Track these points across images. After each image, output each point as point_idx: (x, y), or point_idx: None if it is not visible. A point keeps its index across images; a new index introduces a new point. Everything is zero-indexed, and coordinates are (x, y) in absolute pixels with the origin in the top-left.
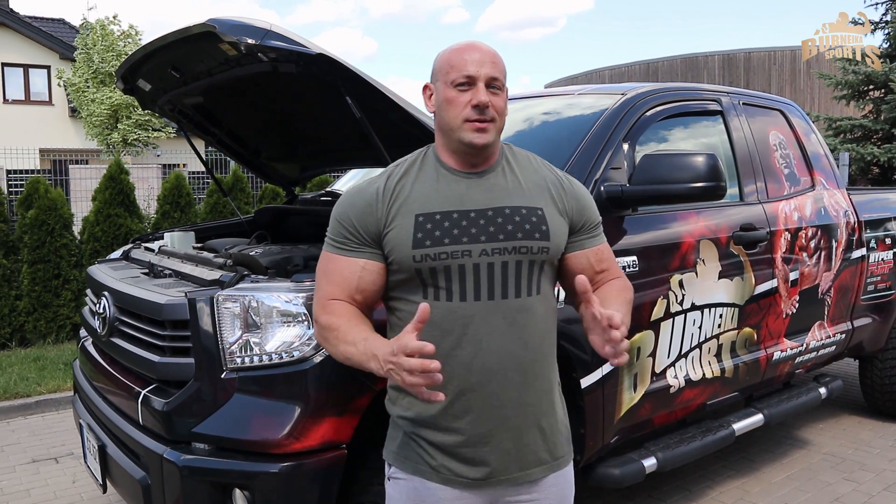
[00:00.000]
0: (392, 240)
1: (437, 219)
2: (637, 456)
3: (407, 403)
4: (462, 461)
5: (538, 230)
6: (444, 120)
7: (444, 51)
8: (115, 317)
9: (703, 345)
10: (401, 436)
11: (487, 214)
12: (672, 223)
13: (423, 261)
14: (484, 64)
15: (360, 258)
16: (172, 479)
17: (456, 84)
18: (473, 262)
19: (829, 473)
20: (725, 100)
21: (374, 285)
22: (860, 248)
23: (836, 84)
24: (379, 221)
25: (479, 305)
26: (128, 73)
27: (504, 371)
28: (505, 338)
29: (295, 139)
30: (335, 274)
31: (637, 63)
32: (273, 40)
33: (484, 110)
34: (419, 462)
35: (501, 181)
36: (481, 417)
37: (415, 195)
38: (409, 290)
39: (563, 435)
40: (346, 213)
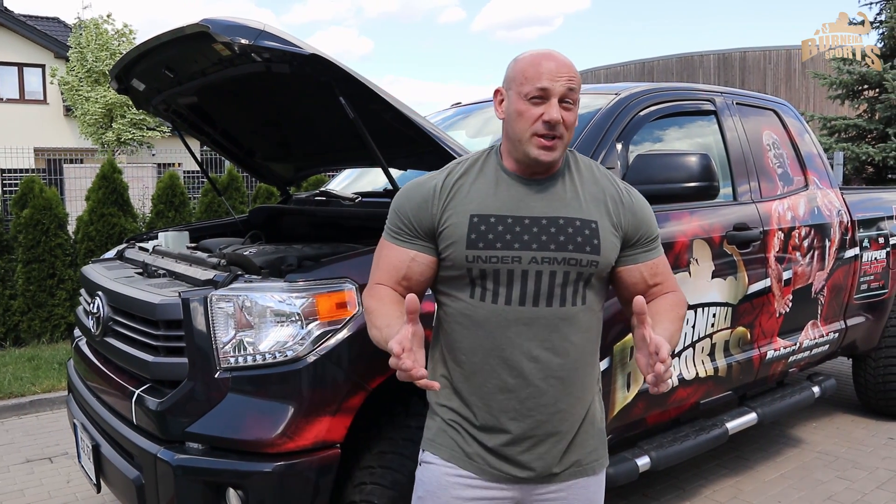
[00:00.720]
0: (447, 237)
1: (492, 222)
2: (630, 455)
3: (448, 394)
4: (497, 456)
5: (589, 243)
6: (513, 131)
7: (521, 58)
8: (109, 316)
9: (697, 344)
10: (437, 423)
11: (541, 223)
12: (665, 223)
13: (475, 262)
14: (560, 77)
15: (411, 249)
16: (166, 479)
17: (530, 97)
18: (522, 268)
19: (822, 472)
20: (719, 100)
21: (422, 276)
22: (853, 248)
23: (830, 84)
24: (433, 217)
25: (523, 311)
26: (122, 73)
27: (542, 377)
28: (545, 344)
29: (289, 139)
30: (385, 261)
31: (632, 62)
32: (266, 40)
33: (555, 126)
34: (454, 448)
35: (560, 190)
36: (518, 418)
37: (472, 195)
38: (459, 287)
39: (598, 440)
40: (403, 206)
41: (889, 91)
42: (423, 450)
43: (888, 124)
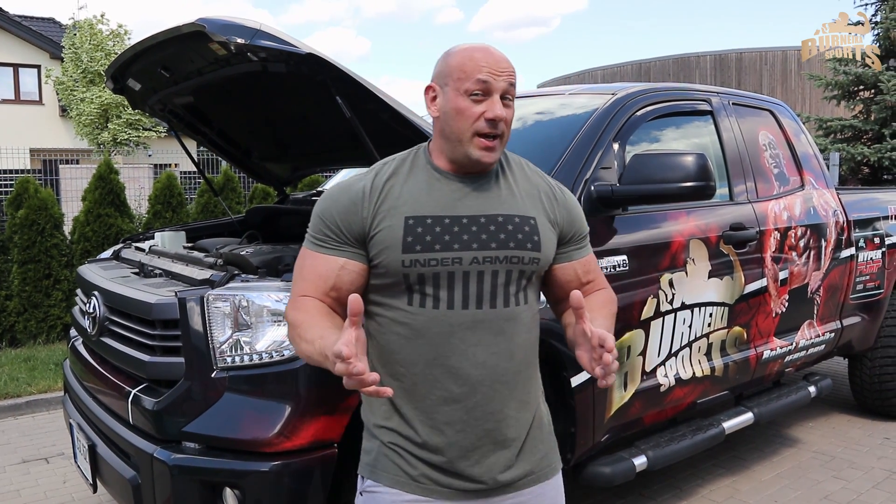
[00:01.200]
0: (380, 242)
1: (429, 223)
2: (627, 454)
3: (386, 412)
4: (444, 472)
5: (530, 240)
6: (451, 129)
7: (455, 52)
8: (106, 316)
9: (693, 344)
10: (377, 447)
11: (480, 221)
12: (662, 223)
13: (413, 266)
14: (501, 73)
15: (339, 257)
16: (163, 479)
17: (470, 93)
18: (463, 269)
19: (818, 472)
20: (715, 100)
21: (353, 285)
22: (849, 248)
23: (826, 84)
24: (364, 221)
25: (467, 314)
26: (117, 73)
27: (490, 382)
28: (491, 348)
29: (286, 139)
30: (311, 271)
31: (629, 63)
32: (262, 40)
33: (497, 124)
34: (398, 473)
35: (495, 188)
36: (465, 429)
37: (405, 197)
38: (394, 294)
39: (548, 445)
40: (329, 211)
41: (884, 92)
42: (363, 477)
43: (884, 125)
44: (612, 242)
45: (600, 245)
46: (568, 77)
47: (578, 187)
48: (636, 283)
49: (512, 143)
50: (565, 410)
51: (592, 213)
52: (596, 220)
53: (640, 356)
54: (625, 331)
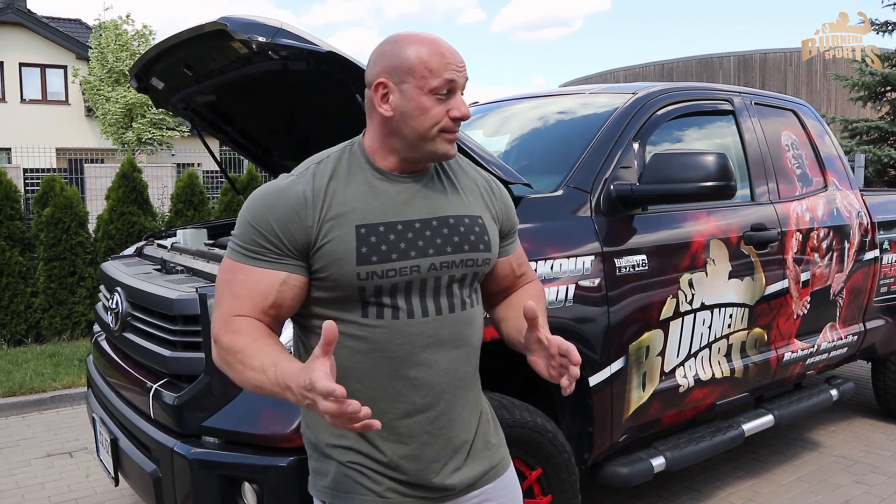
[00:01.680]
0: (328, 255)
1: (381, 231)
2: (646, 455)
3: (338, 431)
4: (410, 485)
5: (482, 241)
6: (412, 128)
7: (410, 45)
8: (128, 312)
9: (713, 344)
10: (334, 468)
11: (432, 225)
12: (682, 223)
13: (369, 279)
14: (462, 67)
15: (280, 270)
16: (183, 473)
17: (437, 92)
18: (421, 277)
19: (840, 476)
20: (737, 100)
21: (294, 301)
22: (873, 250)
23: (852, 85)
24: (309, 231)
25: (428, 322)
26: (141, 72)
27: (452, 389)
28: (452, 354)
29: (306, 137)
30: (244, 287)
31: (652, 64)
32: (284, 38)
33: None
34: (362, 492)
35: (438, 186)
36: (429, 440)
37: (350, 202)
38: (345, 307)
39: (499, 438)
40: (265, 218)
41: None
42: (323, 502)
43: None
44: (632, 242)
45: (620, 244)
46: (590, 78)
47: (598, 186)
48: (655, 283)
49: (532, 142)
50: (583, 410)
51: (612, 212)
52: (615, 220)
53: (658, 356)
54: (644, 331)
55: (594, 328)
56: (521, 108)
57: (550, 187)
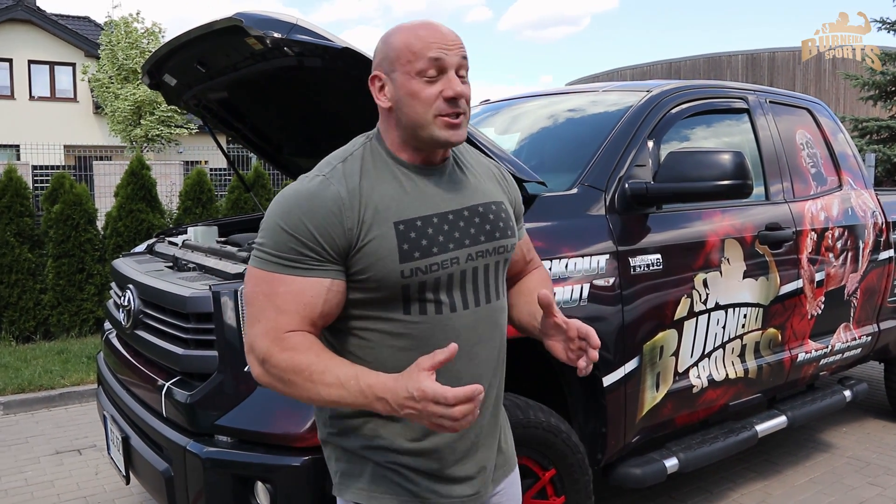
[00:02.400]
0: (370, 255)
1: (419, 226)
2: (659, 456)
3: (371, 431)
4: (447, 481)
5: (508, 227)
6: (409, 116)
7: (396, 33)
8: (140, 309)
9: (727, 345)
10: (369, 469)
11: (464, 215)
12: (697, 222)
13: (413, 275)
14: (451, 47)
15: (325, 277)
16: (195, 471)
17: (423, 74)
18: (461, 268)
19: (853, 477)
20: (752, 98)
21: (339, 307)
22: (888, 250)
23: (862, 84)
24: (349, 234)
25: (468, 314)
26: (154, 68)
27: (489, 377)
28: (490, 344)
29: (318, 135)
30: (290, 299)
31: (659, 62)
32: (299, 34)
33: (458, 102)
34: (400, 493)
35: (460, 176)
36: (464, 433)
37: (384, 199)
38: (387, 306)
39: (509, 431)
40: (302, 224)
41: None
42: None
43: None
44: (647, 241)
45: (634, 243)
46: (597, 76)
47: (613, 185)
48: (670, 282)
49: (546, 140)
50: (597, 410)
51: (626, 210)
52: (630, 218)
53: (672, 356)
54: (658, 330)
55: (608, 328)
56: (533, 107)
57: (564, 185)
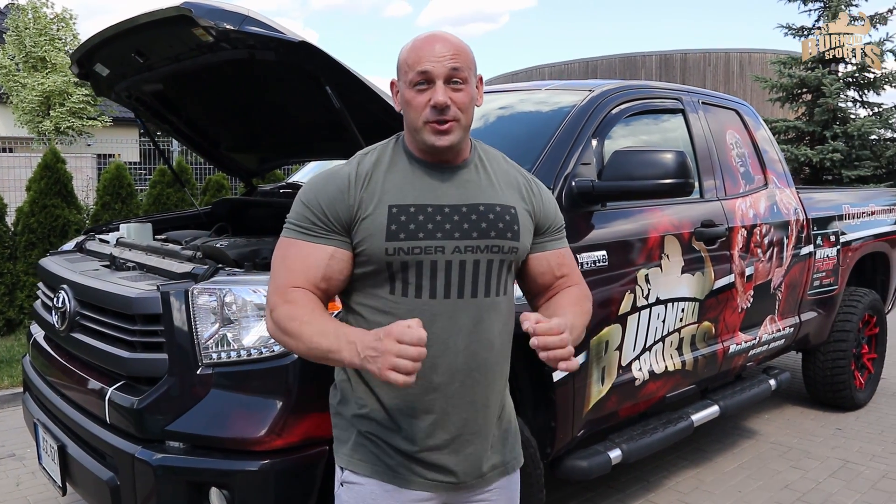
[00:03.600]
0: (364, 230)
1: (412, 211)
2: (603, 448)
3: (361, 401)
4: (422, 464)
5: (510, 230)
6: (408, 121)
7: (405, 46)
8: (77, 311)
9: (666, 338)
10: (354, 436)
11: (462, 210)
12: (639, 219)
13: (396, 254)
14: (442, 59)
15: (328, 245)
16: (145, 479)
17: (414, 84)
18: (446, 258)
19: (777, 462)
20: (686, 98)
21: (342, 275)
22: (808, 245)
23: (771, 87)
24: (351, 209)
25: (448, 303)
26: (84, 58)
27: (468, 371)
28: (471, 337)
29: (258, 129)
30: (298, 261)
31: (577, 61)
32: (252, 26)
33: (443, 110)
34: (376, 463)
35: (474, 177)
36: (443, 419)
37: (388, 185)
38: (375, 283)
39: (516, 437)
40: (315, 198)
41: (827, 95)
42: (342, 468)
43: (825, 127)
44: (593, 238)
45: (581, 240)
46: (516, 73)
47: (559, 183)
48: (615, 278)
49: (492, 137)
50: (546, 404)
51: (573, 208)
52: (576, 216)
53: (617, 350)
54: (603, 325)
55: None
56: None
57: None
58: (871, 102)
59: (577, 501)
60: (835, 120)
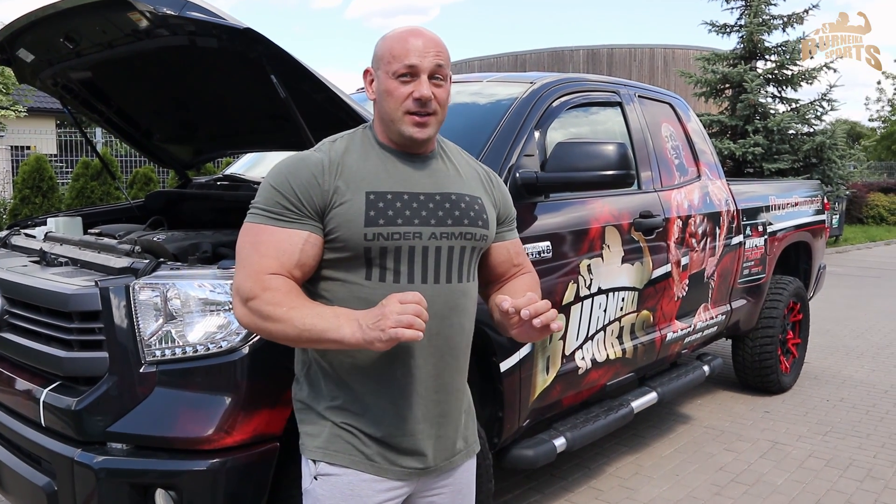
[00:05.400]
0: (339, 216)
1: (389, 198)
2: (547, 437)
3: (332, 393)
4: (397, 451)
5: (480, 218)
6: (384, 110)
7: (386, 36)
8: (5, 310)
9: (607, 327)
10: (327, 429)
11: (436, 199)
12: (581, 210)
13: (375, 239)
14: (427, 53)
15: (302, 230)
16: (86, 483)
17: (398, 75)
18: (423, 244)
19: (711, 445)
20: (623, 91)
21: (314, 260)
22: (738, 235)
23: (696, 82)
24: (325, 195)
25: (426, 288)
26: (6, 42)
27: (441, 355)
28: (445, 322)
29: (195, 120)
30: (271, 246)
31: (506, 54)
32: (193, 11)
33: (426, 104)
34: (353, 453)
35: (443, 167)
36: (418, 402)
37: (363, 173)
38: (350, 268)
39: (475, 421)
40: (287, 182)
41: (748, 91)
42: (315, 461)
43: (747, 122)
44: (536, 228)
45: (525, 231)
46: None
47: (503, 174)
48: (558, 268)
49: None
50: (493, 395)
51: (517, 199)
52: (520, 207)
53: (560, 340)
54: None
55: None
56: None
57: None
58: (789, 98)
59: (520, 490)
60: (756, 115)
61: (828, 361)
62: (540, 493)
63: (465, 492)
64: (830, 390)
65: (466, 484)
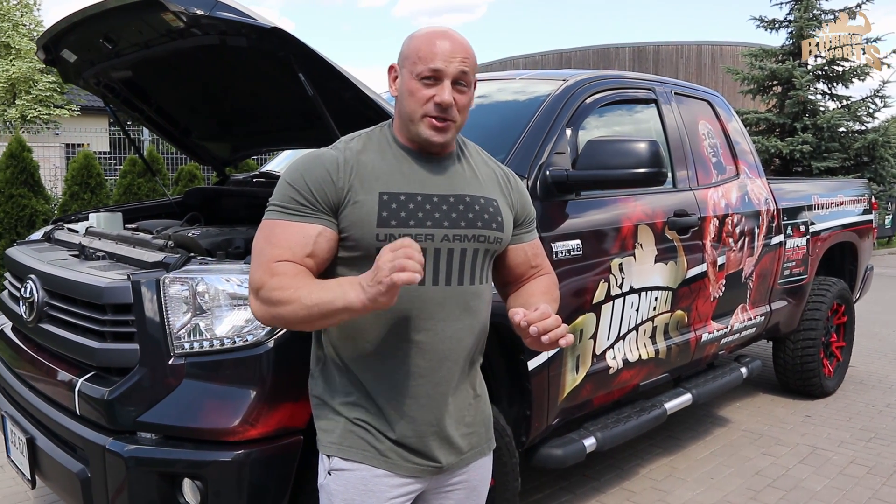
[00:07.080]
0: (352, 215)
1: (402, 199)
2: (577, 436)
3: (348, 389)
4: (410, 450)
5: (495, 221)
6: (405, 109)
7: (415, 35)
8: (45, 301)
9: (640, 327)
10: (341, 424)
11: (449, 200)
12: (613, 208)
13: (387, 240)
14: (454, 59)
15: (316, 224)
16: (116, 471)
17: (421, 77)
18: (435, 246)
19: (748, 449)
20: (659, 89)
21: (328, 254)
22: (778, 235)
23: (743, 79)
24: (339, 192)
25: (437, 290)
26: (51, 43)
27: (455, 357)
28: (458, 324)
29: (230, 118)
30: (283, 238)
31: (551, 52)
32: (223, 12)
33: (447, 110)
34: (366, 448)
35: (459, 169)
36: (429, 404)
37: (377, 173)
38: (363, 268)
39: (490, 420)
40: (301, 179)
41: (797, 87)
42: (329, 456)
43: (795, 119)
44: (567, 227)
45: (555, 229)
46: (490, 64)
47: (534, 172)
48: (589, 267)
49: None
50: (521, 393)
51: (547, 197)
52: (550, 205)
53: (591, 339)
54: (577, 314)
55: None
56: None
57: None
58: (839, 95)
59: (551, 490)
60: (804, 112)
61: (874, 366)
62: (571, 494)
63: (479, 489)
64: (876, 395)
65: (481, 481)
